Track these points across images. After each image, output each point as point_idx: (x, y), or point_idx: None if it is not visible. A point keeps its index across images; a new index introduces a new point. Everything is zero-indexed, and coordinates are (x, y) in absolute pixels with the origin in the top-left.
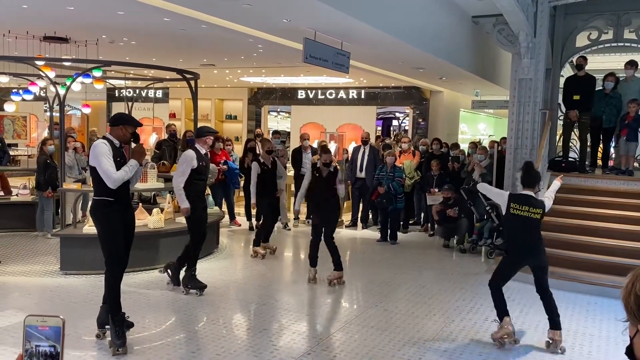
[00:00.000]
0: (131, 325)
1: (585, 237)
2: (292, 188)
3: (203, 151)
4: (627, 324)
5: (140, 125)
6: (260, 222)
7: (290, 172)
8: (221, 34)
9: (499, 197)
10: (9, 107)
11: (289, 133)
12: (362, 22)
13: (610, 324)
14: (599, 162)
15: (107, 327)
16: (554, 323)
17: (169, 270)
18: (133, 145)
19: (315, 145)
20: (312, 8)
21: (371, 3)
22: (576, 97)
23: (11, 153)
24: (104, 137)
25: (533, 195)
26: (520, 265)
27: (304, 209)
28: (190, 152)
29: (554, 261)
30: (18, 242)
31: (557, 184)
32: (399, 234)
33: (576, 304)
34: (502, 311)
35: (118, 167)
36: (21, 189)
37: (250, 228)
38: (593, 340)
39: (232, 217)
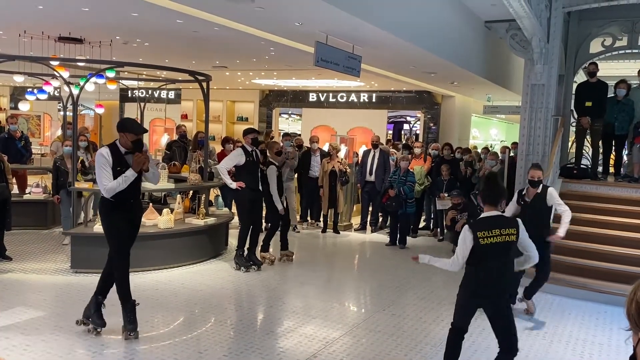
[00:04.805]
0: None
1: (596, 245)
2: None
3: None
4: (631, 333)
5: (144, 131)
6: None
7: None
8: (233, 36)
9: (464, 242)
10: (24, 106)
11: (299, 135)
12: (374, 26)
13: (621, 333)
14: (612, 169)
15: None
16: None
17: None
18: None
19: (325, 148)
20: (324, 11)
21: (383, 7)
22: (588, 104)
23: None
24: (112, 144)
25: (500, 213)
26: (475, 305)
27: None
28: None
29: (564, 269)
30: (30, 239)
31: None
32: (408, 238)
33: (585, 312)
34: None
35: (117, 176)
36: (34, 187)
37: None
38: (602, 349)
39: None
